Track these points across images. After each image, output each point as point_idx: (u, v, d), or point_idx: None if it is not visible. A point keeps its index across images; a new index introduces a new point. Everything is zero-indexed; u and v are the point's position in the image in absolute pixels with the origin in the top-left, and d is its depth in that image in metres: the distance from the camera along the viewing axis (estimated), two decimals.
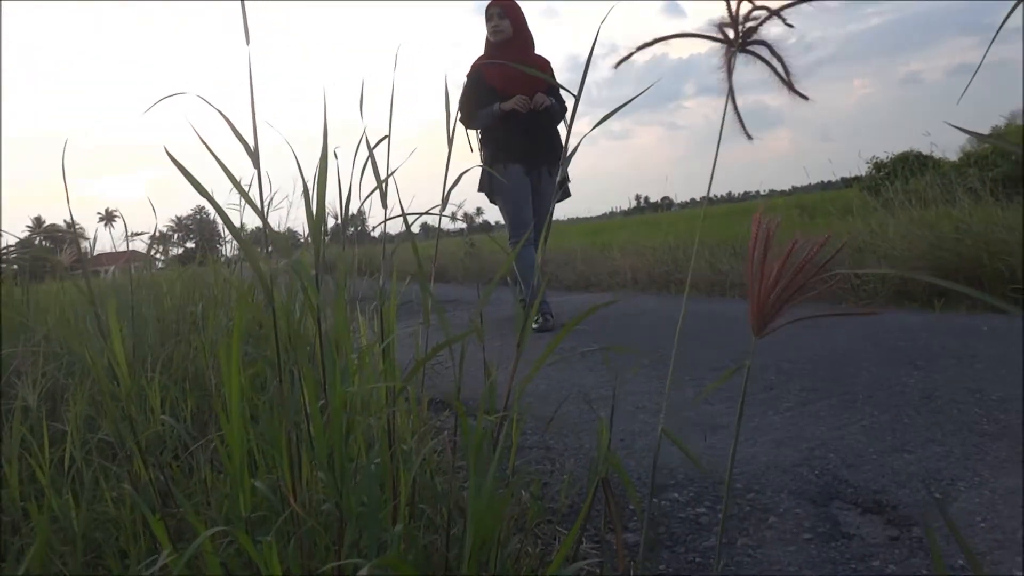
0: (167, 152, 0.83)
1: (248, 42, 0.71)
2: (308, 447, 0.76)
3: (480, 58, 3.86)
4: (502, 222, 3.98)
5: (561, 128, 3.93)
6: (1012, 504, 1.21)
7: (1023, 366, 2.02)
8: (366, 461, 0.79)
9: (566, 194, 3.92)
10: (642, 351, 2.81)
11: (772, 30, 0.61)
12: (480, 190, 3.94)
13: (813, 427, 1.70)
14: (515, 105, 3.62)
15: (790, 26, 0.52)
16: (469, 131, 3.96)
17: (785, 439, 1.64)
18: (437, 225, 1.04)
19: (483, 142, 3.92)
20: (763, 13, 0.53)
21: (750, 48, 0.53)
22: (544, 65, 3.85)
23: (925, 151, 9.47)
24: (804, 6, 0.53)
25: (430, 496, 0.87)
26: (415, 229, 1.33)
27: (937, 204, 3.99)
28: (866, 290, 3.72)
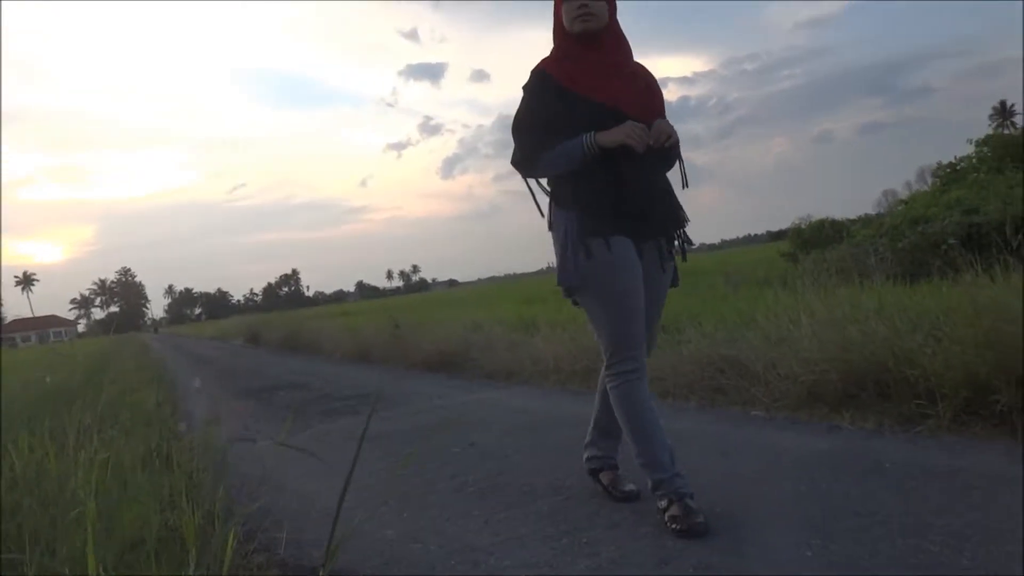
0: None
1: None
2: None
3: (547, 58, 2.27)
4: (440, 280, 2.64)
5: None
6: None
7: (921, 522, 1.93)
8: None
9: (674, 280, 2.35)
10: (542, 489, 2.63)
11: None
12: (565, 282, 2.20)
13: None
14: (627, 138, 2.05)
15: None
16: (530, 179, 2.32)
17: None
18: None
19: (557, 196, 2.26)
20: None
21: None
22: (655, 83, 2.34)
23: (839, 216, 9.95)
24: (721, 69, 0.38)
25: None
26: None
27: (846, 303, 3.95)
28: (779, 388, 3.66)
